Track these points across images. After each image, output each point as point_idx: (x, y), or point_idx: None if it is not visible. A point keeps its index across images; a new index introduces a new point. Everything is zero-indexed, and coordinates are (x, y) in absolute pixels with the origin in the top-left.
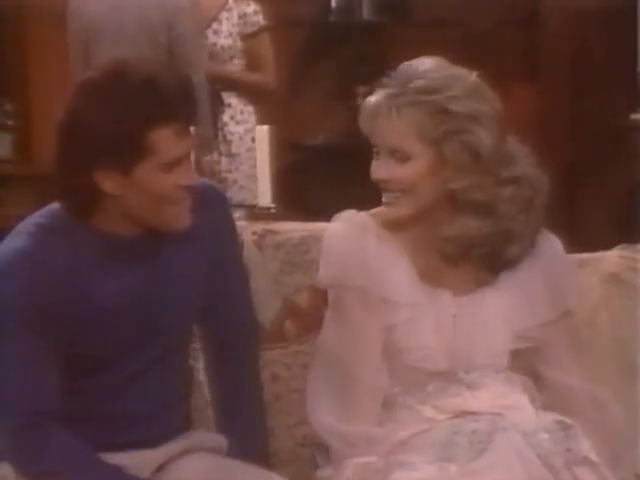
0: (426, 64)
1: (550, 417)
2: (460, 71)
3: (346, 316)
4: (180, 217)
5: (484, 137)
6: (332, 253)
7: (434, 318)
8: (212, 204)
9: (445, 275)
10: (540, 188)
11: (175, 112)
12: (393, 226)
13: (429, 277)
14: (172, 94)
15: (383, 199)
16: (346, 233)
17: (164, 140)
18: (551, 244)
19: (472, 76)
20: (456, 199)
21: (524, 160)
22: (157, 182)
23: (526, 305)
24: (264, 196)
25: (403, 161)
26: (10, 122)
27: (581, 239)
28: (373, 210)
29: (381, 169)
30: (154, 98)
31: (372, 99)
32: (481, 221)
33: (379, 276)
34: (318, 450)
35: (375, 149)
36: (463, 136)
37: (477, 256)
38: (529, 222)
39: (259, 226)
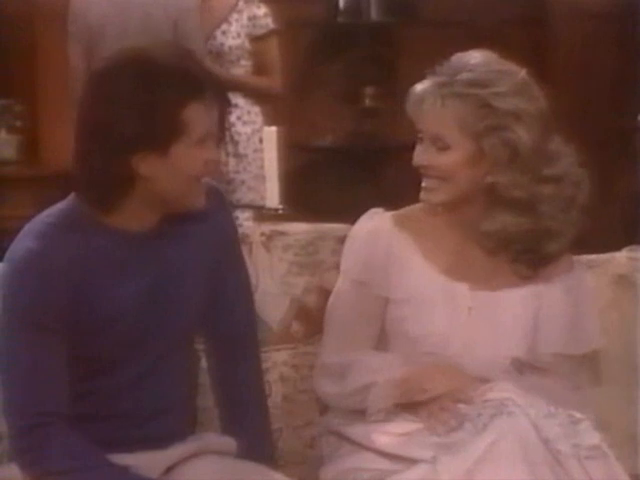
0: (477, 57)
1: (560, 410)
2: (510, 67)
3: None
4: (201, 195)
5: (524, 135)
6: (350, 253)
7: (448, 309)
8: (215, 205)
9: (464, 270)
10: (582, 186)
11: (202, 86)
12: (411, 225)
13: (445, 271)
14: (196, 69)
15: (422, 184)
16: (363, 234)
17: (197, 115)
18: (583, 279)
19: (522, 73)
20: (495, 195)
21: (567, 159)
22: (191, 159)
23: (547, 327)
24: (272, 197)
25: (443, 150)
26: (18, 124)
27: (589, 240)
28: (400, 210)
29: (422, 155)
30: (184, 75)
31: (420, 86)
32: (519, 218)
33: (388, 275)
34: (327, 441)
35: (419, 135)
36: (503, 133)
37: (515, 250)
38: (570, 220)
39: (267, 227)
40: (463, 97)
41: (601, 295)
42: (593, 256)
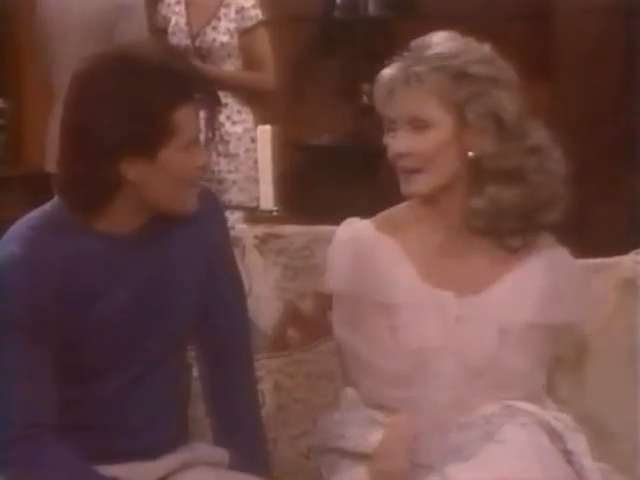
0: (439, 36)
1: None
2: (472, 41)
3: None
4: (192, 199)
5: (505, 102)
6: (332, 263)
7: (436, 319)
8: (207, 207)
9: (448, 275)
10: (559, 160)
11: (192, 89)
12: (394, 229)
13: (431, 278)
14: (185, 72)
15: (401, 177)
16: (343, 244)
17: (187, 118)
18: (564, 258)
19: (485, 46)
20: (481, 170)
21: (539, 131)
22: (179, 164)
23: (527, 297)
24: (266, 198)
25: (422, 131)
26: (2, 122)
27: (595, 244)
28: (379, 215)
29: (400, 143)
30: (173, 76)
31: (387, 72)
32: (512, 189)
33: (377, 281)
34: (323, 461)
35: (390, 126)
36: (485, 99)
37: (506, 229)
38: (556, 193)
39: (261, 230)
40: (438, 70)
41: (607, 299)
42: (599, 260)
